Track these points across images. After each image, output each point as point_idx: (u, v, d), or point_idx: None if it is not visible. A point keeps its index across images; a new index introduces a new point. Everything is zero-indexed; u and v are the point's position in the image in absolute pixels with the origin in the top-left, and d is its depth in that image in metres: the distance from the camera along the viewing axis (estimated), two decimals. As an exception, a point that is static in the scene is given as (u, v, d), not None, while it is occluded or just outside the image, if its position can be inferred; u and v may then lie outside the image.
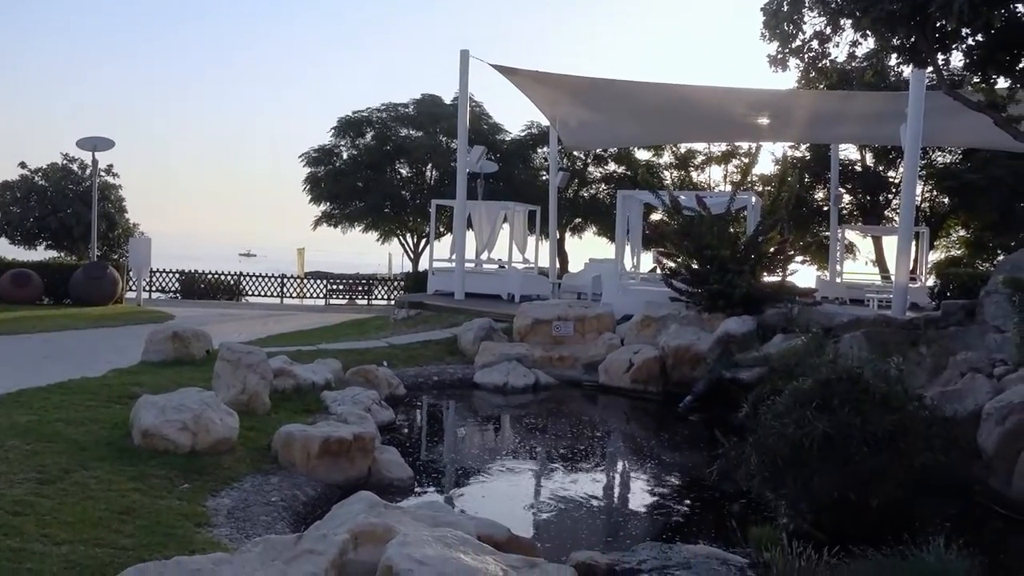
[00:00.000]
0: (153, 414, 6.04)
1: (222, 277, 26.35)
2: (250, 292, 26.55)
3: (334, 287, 27.08)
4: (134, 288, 21.38)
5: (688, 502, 7.08)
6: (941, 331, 8.64)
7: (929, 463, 5.63)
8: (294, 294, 26.75)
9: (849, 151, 23.64)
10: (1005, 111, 7.84)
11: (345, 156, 27.53)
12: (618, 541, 5.68)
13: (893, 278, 13.55)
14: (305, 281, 27.47)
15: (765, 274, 12.62)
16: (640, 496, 7.45)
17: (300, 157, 27.70)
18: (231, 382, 7.44)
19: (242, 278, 26.67)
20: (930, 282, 16.97)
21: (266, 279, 26.67)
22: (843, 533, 5.30)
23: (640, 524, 6.33)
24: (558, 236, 24.42)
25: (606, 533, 6.00)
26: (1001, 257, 15.65)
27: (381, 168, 26.95)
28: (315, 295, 26.80)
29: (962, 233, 24.76)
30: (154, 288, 25.09)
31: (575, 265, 25.32)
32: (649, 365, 11.05)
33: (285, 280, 26.75)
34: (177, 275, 25.84)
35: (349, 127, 27.43)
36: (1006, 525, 6.19)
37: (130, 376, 8.76)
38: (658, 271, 13.88)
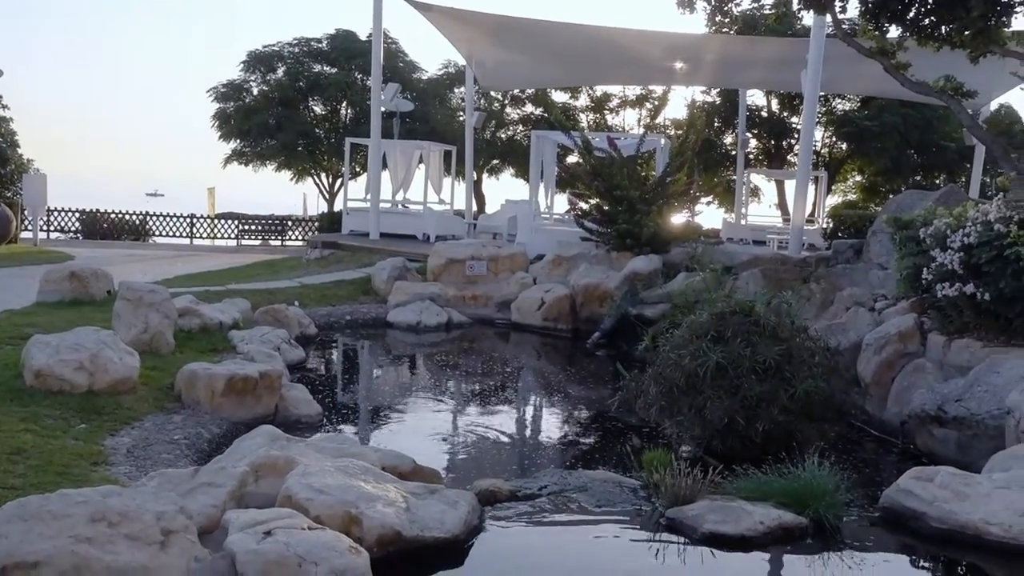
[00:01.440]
0: (46, 353, 5.84)
1: (127, 217, 25.28)
2: (157, 233, 25.61)
3: (247, 228, 26.36)
4: (30, 228, 20.30)
5: (592, 433, 7.37)
6: (831, 268, 9.14)
7: (812, 390, 6.00)
8: (204, 235, 25.93)
9: (756, 97, 24.23)
10: (894, 58, 8.21)
11: (256, 92, 26.50)
12: (523, 471, 5.88)
13: (791, 220, 14.13)
14: (216, 221, 26.62)
15: (672, 214, 12.98)
16: (547, 429, 7.70)
17: (208, 92, 26.56)
18: (132, 321, 7.25)
19: (148, 218, 25.66)
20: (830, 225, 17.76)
21: (174, 219, 25.73)
22: (732, 456, 5.66)
23: (546, 455, 6.56)
24: (475, 177, 24.34)
25: (512, 464, 6.20)
26: (891, 200, 16.52)
27: (294, 105, 26.09)
28: (227, 236, 26.04)
29: (858, 178, 25.88)
30: (52, 228, 23.90)
31: (493, 206, 25.35)
32: (560, 303, 11.31)
33: (195, 220, 25.86)
34: (77, 214, 24.64)
35: (259, 62, 26.36)
36: (878, 445, 6.71)
37: (23, 317, 8.41)
38: (570, 212, 14.07)
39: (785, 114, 24.17)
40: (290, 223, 26.92)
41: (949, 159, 22.05)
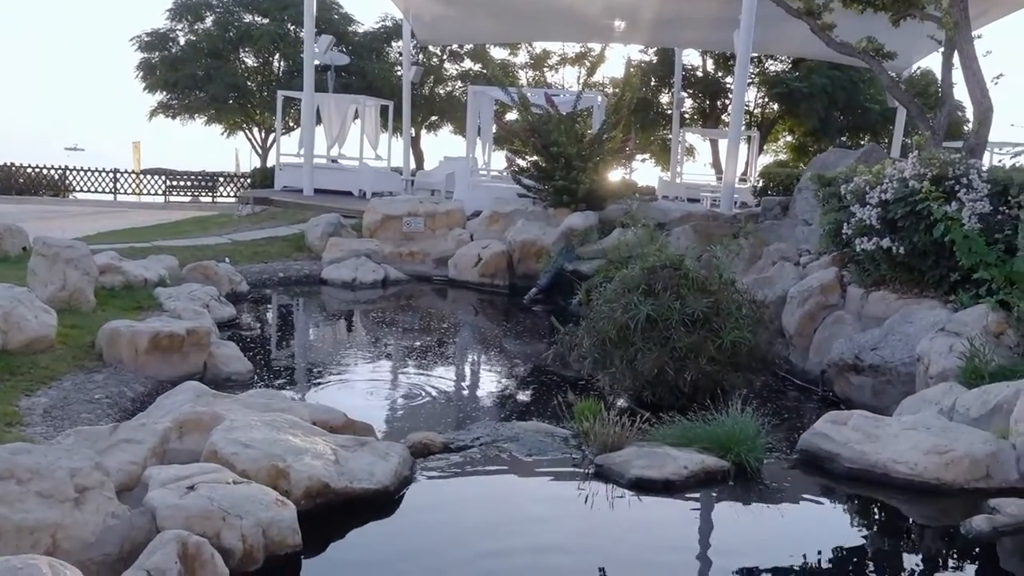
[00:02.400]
0: (-45, 312, 5.59)
1: (44, 171, 24.18)
2: (78, 188, 24.62)
3: (175, 184, 25.53)
4: (-63, 183, 19.29)
5: (528, 387, 7.45)
6: (759, 224, 9.35)
7: (738, 340, 6.17)
8: (130, 190, 25.02)
9: (692, 57, 24.39)
10: (820, 19, 8.36)
11: (183, 42, 25.42)
12: (459, 424, 5.91)
13: (723, 178, 14.36)
14: (142, 177, 25.68)
15: (608, 172, 13.06)
16: (483, 383, 7.75)
17: (131, 41, 25.36)
18: (49, 278, 6.97)
19: (68, 173, 24.59)
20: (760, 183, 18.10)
21: (97, 174, 24.73)
22: (662, 406, 5.80)
23: (481, 409, 6.61)
24: (413, 133, 23.96)
25: (448, 417, 6.23)
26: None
27: (223, 56, 25.13)
28: (154, 192, 25.18)
29: (789, 138, 26.41)
30: (-37, 184, 22.75)
31: (431, 163, 25.05)
32: (497, 259, 11.33)
33: (119, 175, 24.90)
34: (-10, 169, 23.48)
35: (186, 10, 25.22)
36: (800, 393, 6.97)
37: (-68, 275, 8.01)
38: (508, 169, 14.03)
39: (719, 74, 24.41)
40: (221, 179, 26.16)
41: (873, 120, 22.66)
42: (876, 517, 4.26)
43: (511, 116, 15.86)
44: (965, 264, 5.96)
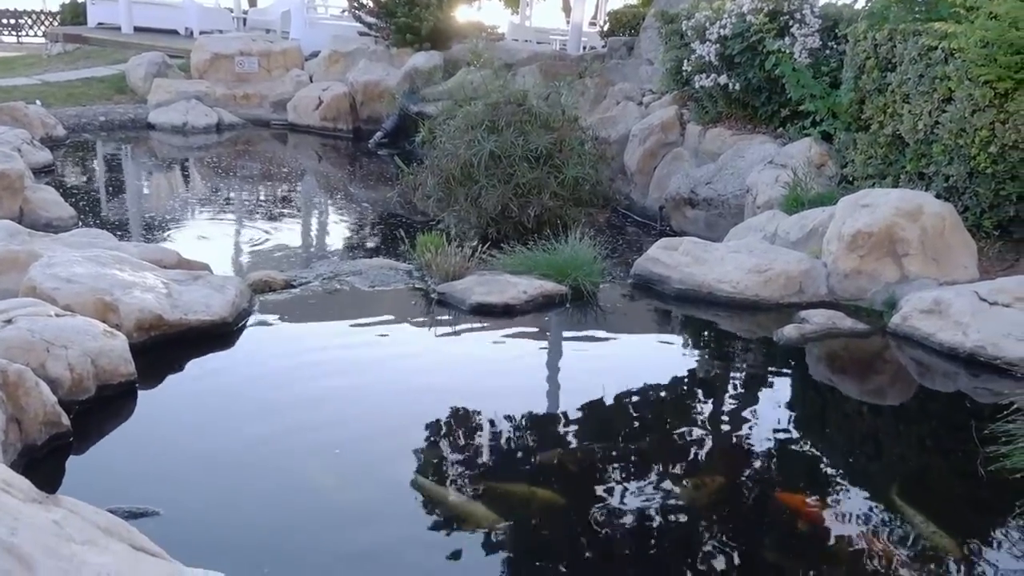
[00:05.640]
0: None
1: None
2: None
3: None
4: None
5: (374, 230, 7.39)
6: (605, 65, 9.39)
7: (580, 176, 6.34)
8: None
9: None
10: None
11: None
12: (302, 265, 5.81)
13: (571, 19, 14.13)
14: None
15: (453, 9, 12.54)
16: (328, 228, 7.61)
17: None
18: None
19: None
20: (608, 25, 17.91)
21: None
22: (506, 240, 5.92)
23: (325, 252, 6.52)
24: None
25: (291, 259, 6.10)
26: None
27: None
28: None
29: (641, -18, 26.21)
30: None
31: (265, 1, 23.04)
32: (339, 101, 10.86)
33: None
34: None
35: None
36: (639, 228, 7.33)
37: None
38: (348, 7, 13.18)
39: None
40: (26, 18, 22.96)
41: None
42: (701, 332, 4.64)
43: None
44: (794, 97, 6.28)
